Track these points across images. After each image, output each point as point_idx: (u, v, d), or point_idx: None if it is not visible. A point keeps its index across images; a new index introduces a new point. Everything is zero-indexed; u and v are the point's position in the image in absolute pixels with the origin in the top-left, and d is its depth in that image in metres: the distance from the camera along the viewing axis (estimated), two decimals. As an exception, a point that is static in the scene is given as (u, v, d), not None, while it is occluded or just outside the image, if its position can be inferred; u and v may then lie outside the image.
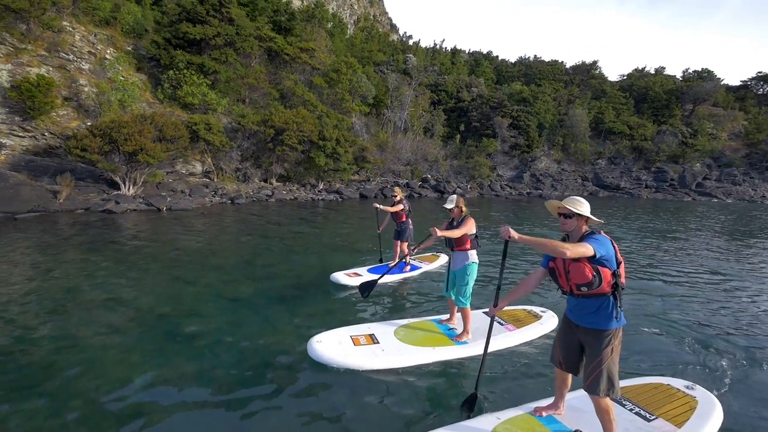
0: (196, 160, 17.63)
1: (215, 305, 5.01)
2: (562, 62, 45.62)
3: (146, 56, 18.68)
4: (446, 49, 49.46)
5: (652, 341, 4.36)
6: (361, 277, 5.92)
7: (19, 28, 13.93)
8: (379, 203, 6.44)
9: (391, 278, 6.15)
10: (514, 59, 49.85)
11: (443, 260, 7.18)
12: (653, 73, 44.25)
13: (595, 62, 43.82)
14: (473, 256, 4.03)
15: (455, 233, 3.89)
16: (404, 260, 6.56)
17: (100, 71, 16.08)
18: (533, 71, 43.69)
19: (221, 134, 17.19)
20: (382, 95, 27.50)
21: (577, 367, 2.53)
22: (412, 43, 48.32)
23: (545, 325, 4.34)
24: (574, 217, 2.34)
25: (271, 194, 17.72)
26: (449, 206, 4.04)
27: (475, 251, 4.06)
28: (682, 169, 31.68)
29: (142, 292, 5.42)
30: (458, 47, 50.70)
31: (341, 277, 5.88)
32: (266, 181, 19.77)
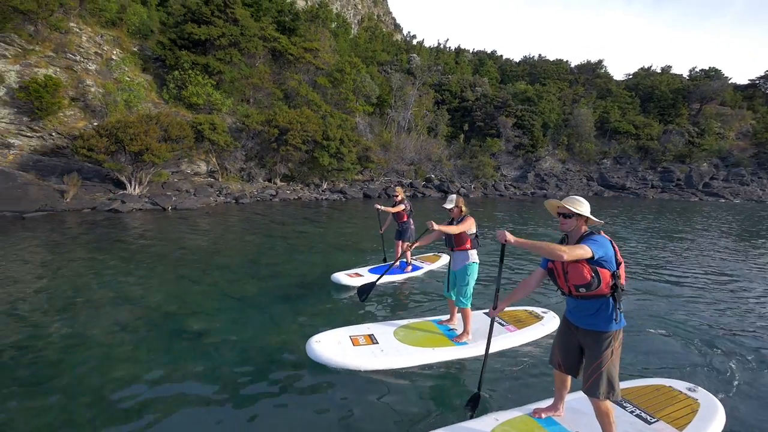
0: (200, 159, 17.76)
1: (220, 304, 5.07)
2: (566, 61, 45.35)
3: (152, 57, 18.83)
4: (450, 48, 49.32)
5: (656, 342, 4.34)
6: (362, 277, 5.91)
7: (27, 29, 14.10)
8: (380, 204, 6.43)
9: (392, 278, 6.15)
10: (518, 59, 49.85)
11: (445, 260, 7.14)
12: (659, 72, 43.78)
13: (600, 61, 43.52)
14: (474, 256, 4.02)
15: (453, 229, 3.90)
16: (405, 260, 6.57)
17: (106, 72, 16.23)
18: (538, 70, 43.42)
19: (226, 134, 17.31)
20: (385, 95, 27.49)
21: (576, 369, 2.51)
22: (415, 42, 48.18)
23: (546, 326, 4.32)
24: (573, 216, 2.32)
25: (275, 194, 17.80)
26: (449, 206, 4.05)
27: (475, 251, 4.05)
28: (688, 168, 31.37)
29: (148, 290, 5.48)
30: (462, 47, 50.58)
31: (342, 277, 5.86)
32: (270, 180, 19.85)
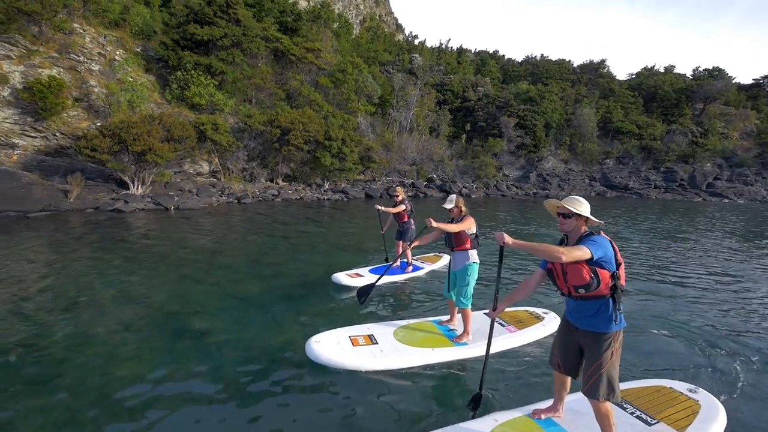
0: (203, 159, 17.82)
1: (223, 303, 5.09)
2: (569, 61, 45.25)
3: (155, 57, 18.91)
4: (452, 48, 49.31)
5: (659, 342, 4.32)
6: (362, 277, 5.91)
7: (31, 30, 14.19)
8: (380, 204, 6.41)
9: (393, 278, 6.15)
10: (520, 58, 49.64)
11: (446, 261, 7.11)
12: (663, 71, 43.63)
13: (603, 61, 43.42)
14: (474, 256, 4.01)
15: (452, 228, 3.89)
16: (406, 260, 6.57)
17: (109, 72, 16.31)
18: (540, 70, 43.33)
19: (228, 134, 17.36)
20: (387, 95, 27.51)
21: (576, 370, 2.50)
22: (417, 42, 48.16)
23: (547, 326, 4.31)
24: (573, 217, 2.31)
25: (277, 194, 17.83)
26: (448, 206, 4.05)
27: (475, 251, 4.04)
28: (692, 169, 31.21)
29: (152, 290, 5.52)
30: (464, 47, 50.56)
31: (342, 277, 5.85)
32: (272, 180, 19.90)
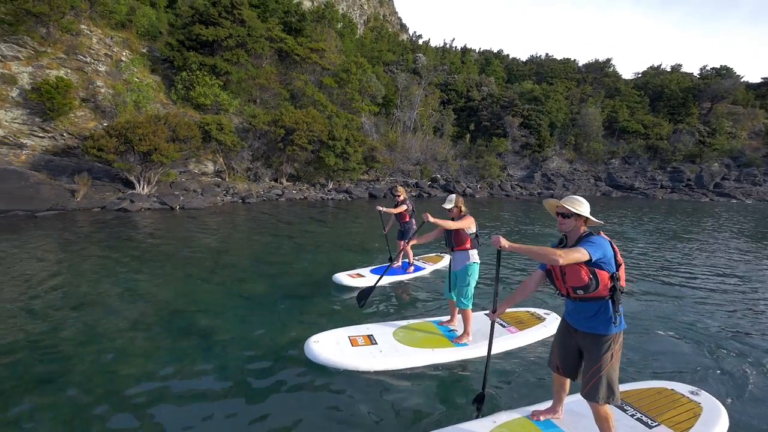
0: (208, 159, 17.94)
1: (228, 302, 5.14)
2: (574, 60, 44.89)
3: (160, 58, 19.05)
4: (456, 48, 49.16)
5: (665, 343, 4.30)
6: (363, 278, 5.90)
7: (39, 31, 14.37)
8: (382, 205, 6.41)
9: (394, 279, 6.15)
10: (525, 58, 49.22)
11: (447, 261, 7.09)
12: (669, 70, 43.13)
13: (608, 60, 42.99)
14: (474, 256, 3.99)
15: (450, 224, 3.87)
16: (407, 260, 6.58)
17: (116, 73, 16.47)
18: (545, 70, 43.02)
19: (233, 134, 17.46)
20: (391, 95, 27.49)
21: (575, 372, 2.48)
22: (421, 42, 48.03)
23: (548, 327, 4.29)
24: (572, 217, 2.29)
25: (281, 194, 17.91)
26: (448, 206, 4.02)
27: (476, 251, 4.02)
28: (699, 168, 30.85)
29: (158, 288, 5.59)
30: (468, 46, 50.38)
31: (343, 277, 5.84)
32: (276, 180, 19.98)
